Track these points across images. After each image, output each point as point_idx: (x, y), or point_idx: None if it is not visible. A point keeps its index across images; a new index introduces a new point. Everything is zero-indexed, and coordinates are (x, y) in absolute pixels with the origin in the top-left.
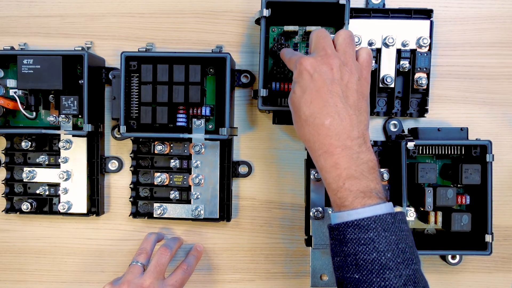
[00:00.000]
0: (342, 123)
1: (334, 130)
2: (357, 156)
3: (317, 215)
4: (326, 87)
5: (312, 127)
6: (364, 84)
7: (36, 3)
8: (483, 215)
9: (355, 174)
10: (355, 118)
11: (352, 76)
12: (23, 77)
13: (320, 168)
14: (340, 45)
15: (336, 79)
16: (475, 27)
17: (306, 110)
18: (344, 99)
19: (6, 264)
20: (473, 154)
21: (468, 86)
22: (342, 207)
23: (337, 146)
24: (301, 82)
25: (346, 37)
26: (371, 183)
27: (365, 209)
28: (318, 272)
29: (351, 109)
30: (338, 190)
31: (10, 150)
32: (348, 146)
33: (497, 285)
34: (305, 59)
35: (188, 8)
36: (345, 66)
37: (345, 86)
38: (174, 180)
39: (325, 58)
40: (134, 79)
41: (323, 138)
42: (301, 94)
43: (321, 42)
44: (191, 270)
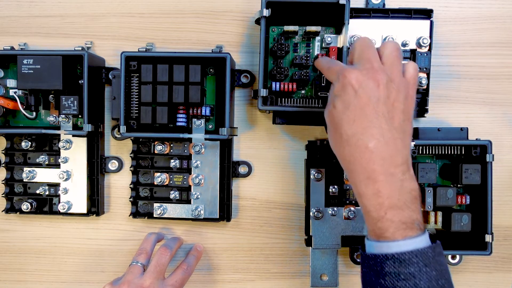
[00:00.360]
0: (387, 147)
1: (378, 154)
2: (400, 185)
3: (317, 215)
4: (371, 106)
5: (354, 148)
6: (410, 103)
7: (36, 3)
8: (483, 215)
9: (398, 204)
10: (399, 142)
11: (399, 94)
12: (23, 77)
13: (359, 194)
14: (387, 58)
15: (382, 98)
16: (475, 27)
17: (348, 129)
18: (389, 120)
19: (6, 264)
20: (473, 154)
21: (468, 86)
22: (381, 237)
23: (381, 173)
24: (344, 97)
25: (393, 49)
26: (413, 213)
27: (406, 241)
28: (318, 272)
29: (397, 132)
30: (378, 220)
31: (10, 150)
32: (392, 173)
33: (497, 285)
34: (349, 72)
35: (188, 8)
36: (392, 82)
37: (391, 106)
38: (174, 180)
39: (372, 73)
40: (134, 79)
41: (366, 163)
42: (343, 110)
43: (367, 52)
44: (191, 270)
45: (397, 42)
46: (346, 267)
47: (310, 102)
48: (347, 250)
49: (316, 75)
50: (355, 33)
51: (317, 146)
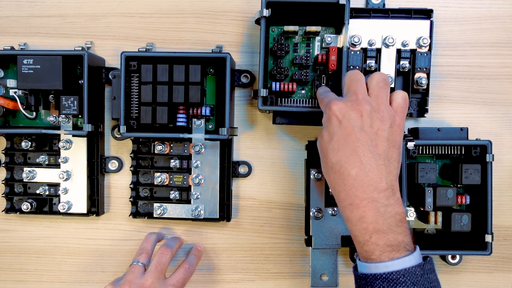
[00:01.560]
0: (369, 174)
1: (360, 181)
2: (384, 210)
3: (317, 215)
4: (354, 135)
5: (338, 175)
6: (396, 131)
7: (36, 3)
8: (483, 215)
9: (382, 228)
10: (383, 169)
11: (383, 123)
12: (23, 77)
13: (346, 219)
14: (373, 89)
15: (366, 127)
16: (475, 27)
17: (333, 157)
18: (373, 147)
19: (6, 264)
20: (473, 154)
21: (468, 86)
22: (368, 259)
23: (363, 199)
24: (330, 127)
25: (379, 80)
26: (399, 236)
27: (393, 262)
28: (318, 272)
29: (380, 159)
30: (364, 244)
31: (10, 150)
32: (375, 199)
33: (497, 285)
34: (335, 104)
35: (188, 8)
36: (376, 112)
37: (375, 134)
38: (174, 180)
39: (355, 104)
40: (134, 79)
41: (349, 189)
42: (328, 140)
43: (353, 85)
44: (192, 269)
45: (383, 73)
46: (346, 267)
47: (310, 102)
48: (347, 250)
49: (316, 75)
50: (355, 33)
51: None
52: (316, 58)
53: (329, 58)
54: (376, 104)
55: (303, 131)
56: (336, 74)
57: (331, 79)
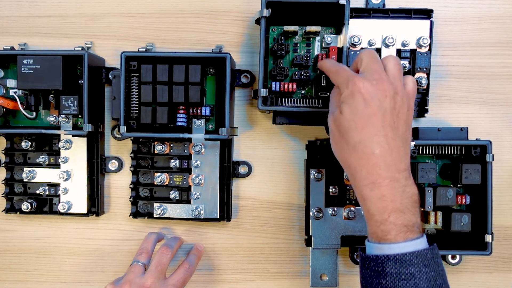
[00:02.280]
0: (391, 154)
1: (383, 160)
2: (403, 190)
3: (317, 215)
4: (379, 115)
5: (361, 154)
6: (411, 114)
7: (36, 3)
8: (483, 215)
9: (400, 208)
10: (402, 150)
11: (403, 106)
12: (23, 77)
13: (363, 198)
14: (391, 71)
15: (389, 108)
16: (475, 27)
17: (356, 136)
18: (395, 129)
19: (6, 264)
20: (473, 154)
21: (468, 86)
22: (383, 239)
23: (386, 178)
24: (353, 104)
25: (396, 63)
26: (413, 217)
27: (407, 243)
28: (318, 272)
29: (400, 141)
30: (382, 223)
31: (10, 150)
32: (396, 179)
33: (497, 285)
34: (360, 81)
35: (188, 8)
36: (397, 95)
37: (396, 116)
38: (174, 180)
39: (381, 84)
40: (134, 79)
41: (372, 168)
42: (351, 118)
43: (375, 64)
44: (193, 269)
45: (397, 57)
46: (346, 267)
47: (310, 102)
48: (347, 250)
49: (316, 75)
50: (355, 33)
51: (317, 146)
52: (316, 58)
53: (329, 58)
54: (397, 86)
55: (303, 131)
56: None
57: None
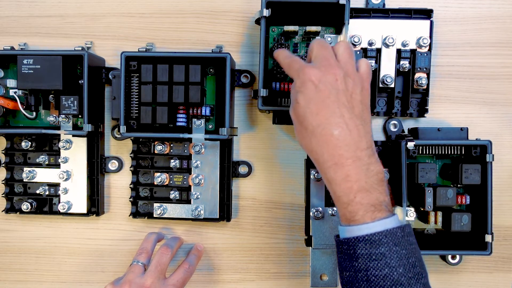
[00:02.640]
0: (351, 133)
1: (343, 140)
2: (367, 168)
3: (317, 215)
4: (332, 97)
5: (320, 138)
6: (366, 95)
7: (36, 3)
8: (483, 215)
9: (366, 187)
10: (362, 129)
11: (356, 87)
12: (23, 77)
13: (329, 181)
14: (342, 55)
15: (341, 90)
16: (475, 27)
17: (313, 121)
18: (350, 109)
19: (6, 264)
20: (473, 154)
21: (468, 86)
22: (352, 221)
23: (348, 157)
24: (305, 92)
25: (346, 47)
26: (381, 195)
27: (375, 223)
28: (318, 272)
29: (358, 119)
30: (349, 204)
31: (10, 150)
32: (359, 157)
33: (497, 285)
34: (309, 69)
35: (188, 8)
36: (348, 76)
37: (350, 97)
38: (174, 180)
39: (329, 68)
40: (134, 79)
41: (332, 149)
42: (306, 105)
43: (323, 52)
44: (192, 269)
45: (348, 42)
46: None
47: None
48: None
49: None
50: (355, 33)
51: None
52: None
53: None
54: (347, 69)
55: None
56: None
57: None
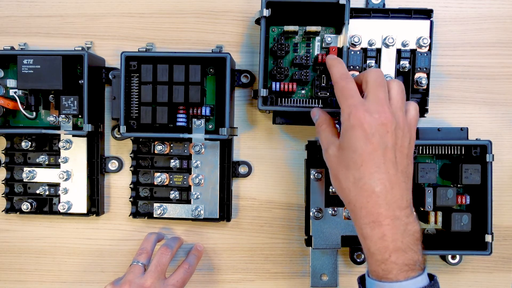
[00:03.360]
0: (392, 191)
1: (384, 198)
2: (404, 228)
3: (317, 215)
4: (380, 152)
5: (360, 192)
6: (412, 147)
7: (36, 3)
8: (483, 215)
9: (402, 247)
10: (404, 186)
11: (405, 139)
12: (23, 77)
13: (363, 236)
14: (395, 99)
15: (391, 144)
16: (475, 27)
17: (356, 172)
18: (396, 165)
19: (6, 264)
20: (473, 154)
21: (468, 86)
22: (384, 278)
23: (387, 217)
24: (353, 139)
25: (400, 90)
26: (415, 255)
27: (408, 282)
28: (318, 272)
29: (402, 176)
30: (383, 262)
31: (10, 150)
32: (398, 217)
33: (497, 285)
34: (362, 114)
35: (188, 8)
36: (399, 128)
37: (399, 151)
38: (174, 180)
39: (383, 118)
40: (134, 79)
41: (372, 207)
42: (349, 153)
43: (380, 91)
44: (192, 269)
45: (401, 82)
46: (346, 267)
47: (310, 102)
48: (347, 250)
49: (316, 75)
50: (355, 33)
51: (317, 146)
52: (316, 58)
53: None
54: (398, 117)
55: (303, 131)
56: None
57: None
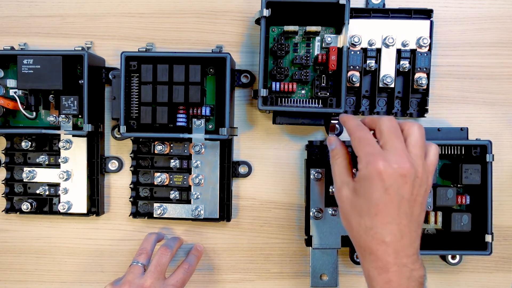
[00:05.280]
0: (402, 240)
1: (393, 248)
2: (409, 275)
3: (317, 215)
4: (396, 203)
5: (371, 240)
6: (428, 193)
7: (36, 3)
8: (483, 215)
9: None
10: (414, 235)
11: (421, 188)
12: (23, 77)
13: (370, 277)
14: (413, 147)
15: (407, 195)
16: (475, 27)
17: (368, 221)
18: (410, 215)
19: (6, 264)
20: (473, 154)
21: (468, 86)
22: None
23: (394, 264)
24: (369, 188)
25: (420, 137)
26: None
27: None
28: (318, 272)
29: (413, 225)
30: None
31: (10, 150)
32: (404, 264)
33: (497, 285)
34: (382, 164)
35: (188, 8)
36: (417, 178)
37: (414, 201)
38: (174, 180)
39: (402, 169)
40: (134, 79)
41: (381, 254)
42: (364, 201)
43: (396, 142)
44: (192, 269)
45: (420, 125)
46: (346, 267)
47: (310, 102)
48: (347, 250)
49: (316, 75)
50: (355, 33)
51: (317, 146)
52: (316, 58)
53: (329, 58)
54: (417, 166)
55: (303, 131)
56: (336, 74)
57: (331, 79)
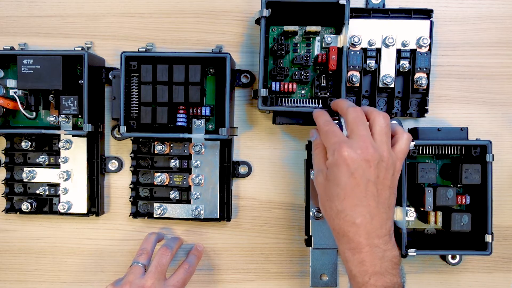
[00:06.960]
0: (372, 221)
1: (364, 229)
2: (382, 255)
3: (317, 215)
4: (362, 186)
5: (343, 222)
6: (396, 177)
7: (36, 3)
8: (483, 215)
9: (380, 271)
10: (384, 216)
11: (388, 172)
12: (23, 77)
13: (345, 259)
14: (378, 134)
15: (373, 178)
16: (475, 27)
17: (338, 205)
18: (377, 197)
19: (6, 264)
20: (473, 154)
21: (468, 86)
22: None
23: (366, 245)
24: (337, 173)
25: (383, 125)
26: (394, 277)
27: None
28: (318, 272)
29: (383, 207)
30: (363, 284)
31: (10, 150)
32: (376, 245)
33: (497, 285)
34: (346, 150)
35: (188, 8)
36: (382, 161)
37: (381, 184)
38: (174, 180)
39: (365, 153)
40: (134, 79)
41: (352, 235)
42: (334, 186)
43: (359, 129)
44: (192, 269)
45: (386, 114)
46: None
47: (310, 102)
48: None
49: (316, 75)
50: (355, 33)
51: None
52: (316, 58)
53: (329, 58)
54: (382, 151)
55: (303, 131)
56: (336, 74)
57: (331, 79)
